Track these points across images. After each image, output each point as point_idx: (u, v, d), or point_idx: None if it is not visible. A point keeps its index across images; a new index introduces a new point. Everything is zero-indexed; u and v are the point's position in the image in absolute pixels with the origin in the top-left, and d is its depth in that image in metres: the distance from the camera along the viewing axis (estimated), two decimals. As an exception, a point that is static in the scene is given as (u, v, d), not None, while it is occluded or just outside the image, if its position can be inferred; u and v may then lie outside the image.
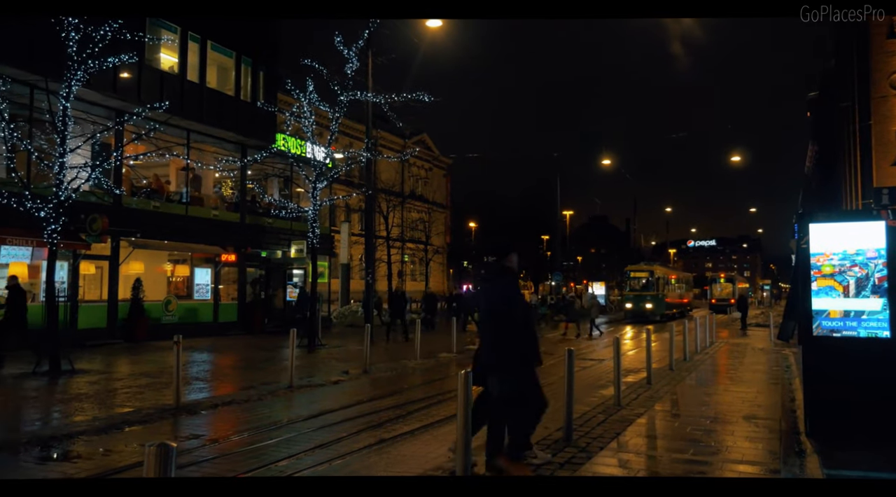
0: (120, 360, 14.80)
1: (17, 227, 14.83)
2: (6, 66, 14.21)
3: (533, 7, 5.60)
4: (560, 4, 5.49)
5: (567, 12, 5.30)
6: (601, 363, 15.66)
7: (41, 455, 6.89)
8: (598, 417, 8.50)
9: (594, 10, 5.82)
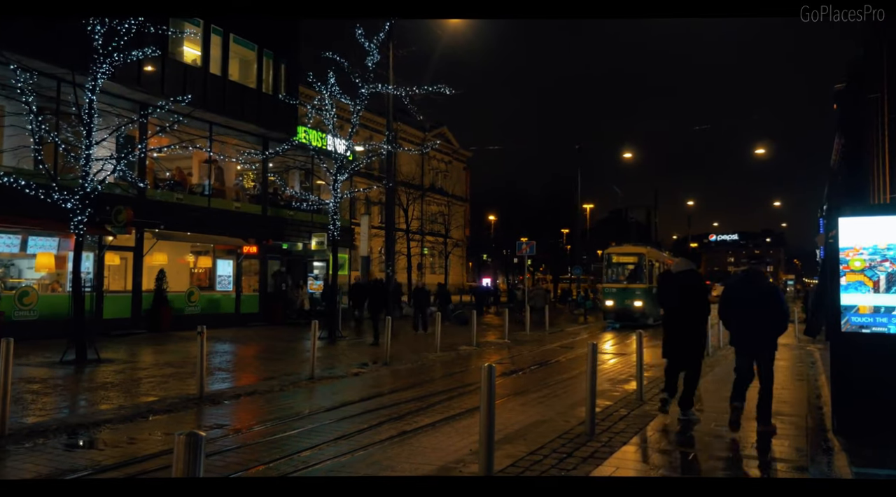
0: (144, 349, 14.99)
1: (44, 218, 15.07)
2: (34, 60, 14.39)
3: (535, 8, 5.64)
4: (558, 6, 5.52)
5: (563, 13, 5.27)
6: (623, 358, 15.57)
7: (68, 442, 6.99)
8: (620, 412, 8.45)
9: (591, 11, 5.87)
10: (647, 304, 24.78)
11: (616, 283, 26.09)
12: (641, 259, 25.97)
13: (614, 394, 10.18)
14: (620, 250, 27.54)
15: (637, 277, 25.77)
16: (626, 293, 25.43)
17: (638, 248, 27.02)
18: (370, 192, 32.97)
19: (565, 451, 6.59)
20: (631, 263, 26.23)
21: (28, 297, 16.28)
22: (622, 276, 26.23)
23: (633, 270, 26.02)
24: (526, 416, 8.48)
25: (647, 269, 25.77)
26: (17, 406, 8.11)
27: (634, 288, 25.53)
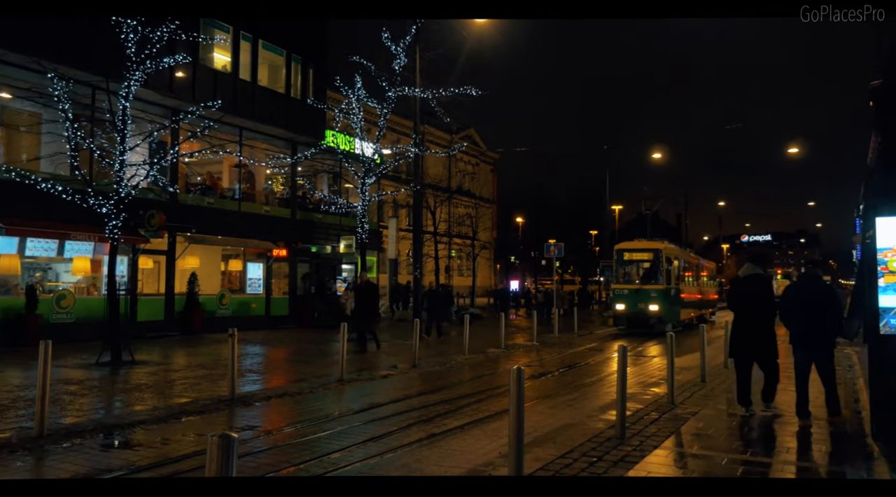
0: (177, 351, 15.22)
1: (80, 223, 15.39)
2: (69, 68, 14.71)
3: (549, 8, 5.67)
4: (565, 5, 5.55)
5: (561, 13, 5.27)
6: (653, 360, 15.39)
7: (104, 442, 7.12)
8: (651, 415, 8.35)
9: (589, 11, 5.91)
10: (665, 308, 21.87)
11: (628, 284, 22.84)
12: (658, 256, 22.40)
13: (645, 397, 10.06)
14: (633, 246, 24.06)
15: (653, 277, 22.37)
16: (640, 295, 22.11)
17: (653, 244, 23.59)
18: (398, 194, 33.10)
19: (595, 454, 6.53)
20: (646, 261, 22.78)
21: (65, 301, 16.64)
22: (635, 276, 23.20)
23: (649, 269, 22.61)
24: (555, 419, 8.42)
25: (664, 267, 22.30)
26: (56, 407, 8.28)
27: (649, 289, 22.04)
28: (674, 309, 22.63)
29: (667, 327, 20.28)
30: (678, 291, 23.42)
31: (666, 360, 9.54)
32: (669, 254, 23.03)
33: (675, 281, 23.08)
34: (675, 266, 23.44)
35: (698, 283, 28.93)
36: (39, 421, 7.03)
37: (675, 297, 23.00)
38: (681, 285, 24.09)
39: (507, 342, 17.47)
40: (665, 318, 21.72)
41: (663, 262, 22.27)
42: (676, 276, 23.49)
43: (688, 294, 25.46)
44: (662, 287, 22.09)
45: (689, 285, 26.13)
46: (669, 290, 22.42)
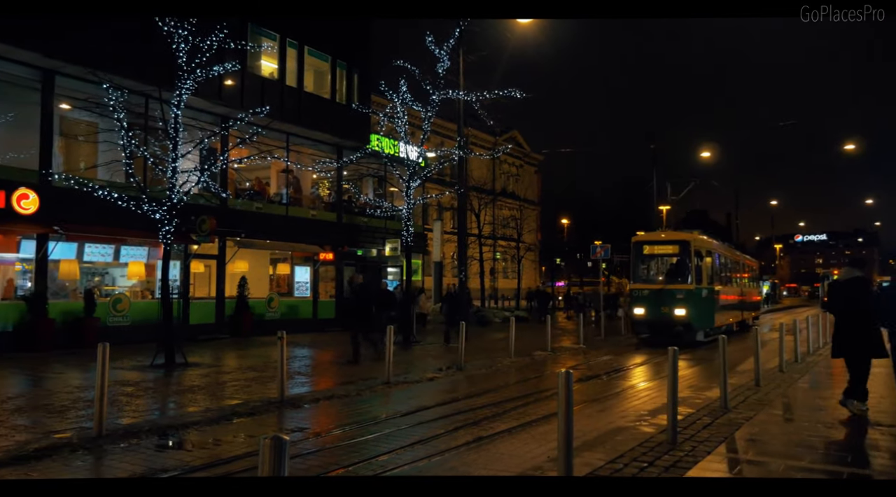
0: (228, 354, 15.53)
1: (134, 228, 15.85)
2: (124, 78, 15.17)
3: None
4: None
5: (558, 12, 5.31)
6: (704, 364, 15.04)
7: (159, 443, 7.30)
8: (703, 420, 8.15)
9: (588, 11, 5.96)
10: (694, 312, 18.37)
11: (649, 284, 19.48)
12: (685, 249, 18.80)
13: (696, 401, 9.83)
14: (655, 238, 20.70)
15: (679, 274, 18.86)
16: (664, 297, 18.49)
17: (680, 235, 20.37)
18: (442, 197, 33.16)
19: (646, 459, 6.40)
20: (671, 255, 19.39)
21: (121, 304, 17.16)
22: (659, 274, 19.88)
23: (675, 265, 19.18)
24: (604, 423, 8.30)
25: (693, 262, 18.68)
26: (113, 407, 8.53)
27: (675, 289, 18.50)
28: (706, 313, 19.01)
29: (697, 335, 18.46)
30: (712, 292, 19.57)
31: (717, 364, 9.28)
32: (700, 247, 19.24)
33: (707, 279, 19.31)
34: (708, 262, 19.76)
35: (738, 282, 25.45)
36: (98, 421, 7.24)
37: (709, 299, 19.21)
38: (715, 285, 20.20)
39: (554, 345, 17.31)
40: (695, 323, 18.46)
41: (692, 256, 18.67)
42: (710, 274, 19.63)
43: (725, 296, 21.88)
44: (691, 287, 18.51)
45: (726, 285, 22.50)
46: (700, 290, 18.73)
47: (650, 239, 20.40)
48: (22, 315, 15.18)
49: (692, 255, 18.72)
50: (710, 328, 19.25)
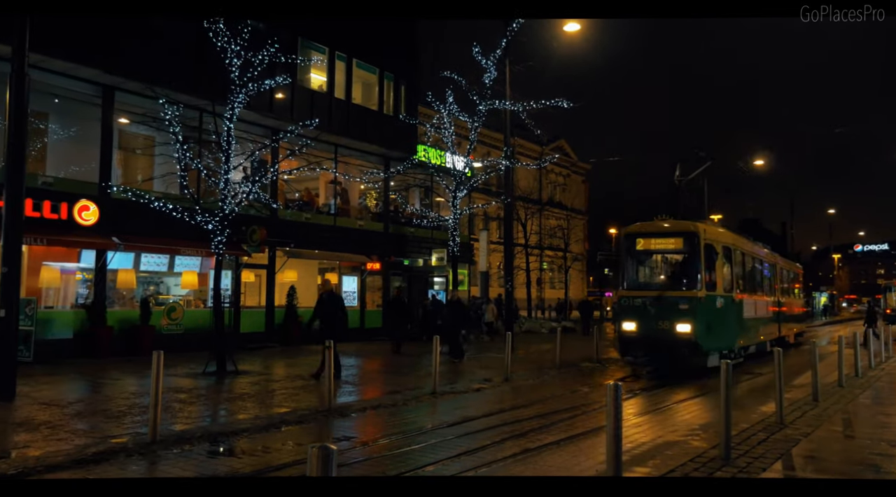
0: (277, 362, 15.77)
1: (188, 239, 16.27)
2: (179, 93, 15.66)
3: None
4: None
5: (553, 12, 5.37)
6: (759, 377, 14.59)
7: (210, 449, 7.45)
8: (758, 435, 7.90)
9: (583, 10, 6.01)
10: (704, 328, 13.84)
11: (642, 290, 14.85)
12: (693, 244, 14.35)
13: (752, 416, 9.54)
14: (652, 228, 15.62)
15: (685, 277, 14.54)
16: (663, 307, 14.11)
17: (685, 225, 15.39)
18: (488, 207, 33.16)
19: (698, 475, 6.23)
20: (674, 252, 15.15)
21: (175, 313, 17.61)
22: (657, 277, 15.49)
23: (679, 265, 15.07)
24: (654, 437, 8.12)
25: (702, 261, 14.18)
26: (167, 414, 8.73)
27: (677, 297, 14.12)
28: (722, 329, 14.59)
29: (709, 359, 13.89)
30: (730, 302, 15.02)
31: (772, 377, 8.99)
32: (714, 240, 14.75)
33: (725, 284, 14.92)
34: (725, 262, 15.15)
35: (773, 289, 20.42)
36: (153, 427, 7.43)
37: (726, 311, 14.78)
38: (737, 293, 15.64)
39: (602, 356, 17.06)
40: (705, 343, 13.82)
41: (701, 253, 14.16)
42: (729, 278, 15.26)
43: (753, 307, 17.10)
44: (700, 294, 13.96)
45: (754, 293, 17.79)
46: (713, 299, 14.25)
47: (646, 230, 15.53)
48: (82, 322, 15.72)
49: (702, 251, 14.19)
50: (730, 349, 14.91)
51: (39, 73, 13.95)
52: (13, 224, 9.91)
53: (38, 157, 15.94)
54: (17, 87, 9.94)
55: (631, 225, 16.04)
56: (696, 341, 13.72)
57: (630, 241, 15.35)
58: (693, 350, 13.75)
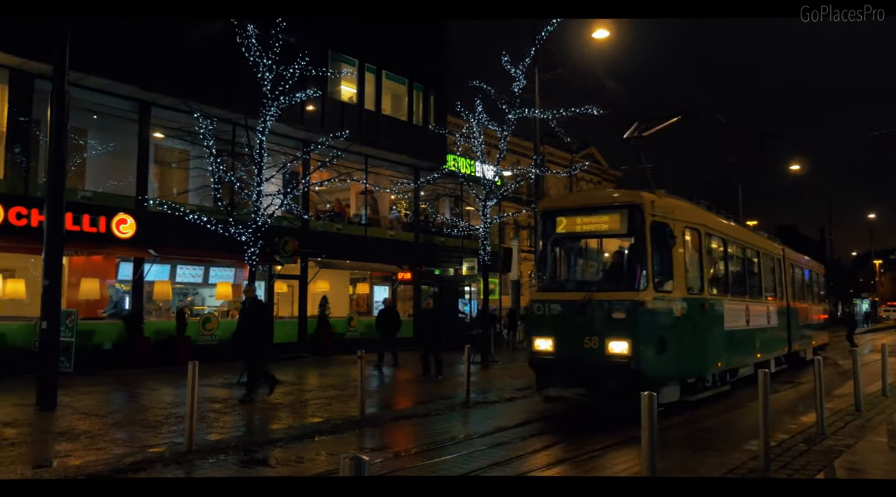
0: (309, 372, 15.88)
1: (222, 250, 16.52)
2: (213, 107, 15.95)
3: None
4: None
5: None
6: (798, 387, 14.26)
7: (245, 459, 7.51)
8: (798, 447, 7.70)
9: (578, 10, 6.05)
10: (652, 347, 9.59)
11: (563, 292, 10.52)
12: (635, 221, 9.97)
13: (791, 427, 9.31)
14: (577, 202, 11.91)
15: (623, 271, 10.46)
16: (590, 317, 9.80)
17: (622, 196, 10.61)
18: (519, 216, 33.04)
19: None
20: (607, 235, 10.88)
21: (210, 324, 17.87)
22: (586, 272, 11.61)
23: (616, 255, 11.06)
24: (692, 448, 7.97)
25: (650, 248, 9.83)
26: (202, 424, 8.84)
27: (610, 301, 9.76)
28: (684, 347, 10.08)
29: (662, 392, 9.42)
30: (701, 308, 10.60)
31: (812, 387, 8.75)
32: (670, 217, 10.14)
33: (690, 281, 10.49)
34: (692, 251, 10.84)
35: (780, 291, 16.08)
36: (189, 437, 7.53)
37: (693, 320, 10.35)
38: (711, 293, 11.14)
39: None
40: (652, 369, 9.47)
41: (647, 235, 9.76)
42: (699, 273, 10.85)
43: (745, 317, 12.72)
44: (644, 296, 9.56)
45: (747, 294, 13.37)
46: (668, 302, 9.89)
47: (569, 204, 11.65)
48: (120, 334, 16.04)
49: (648, 232, 9.74)
50: (700, 376, 10.60)
51: (79, 90, 14.32)
52: (54, 237, 10.17)
53: (77, 172, 16.35)
54: (58, 104, 10.22)
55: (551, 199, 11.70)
56: (636, 367, 9.26)
57: (549, 221, 10.82)
58: (633, 380, 9.10)
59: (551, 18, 17.71)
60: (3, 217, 14.13)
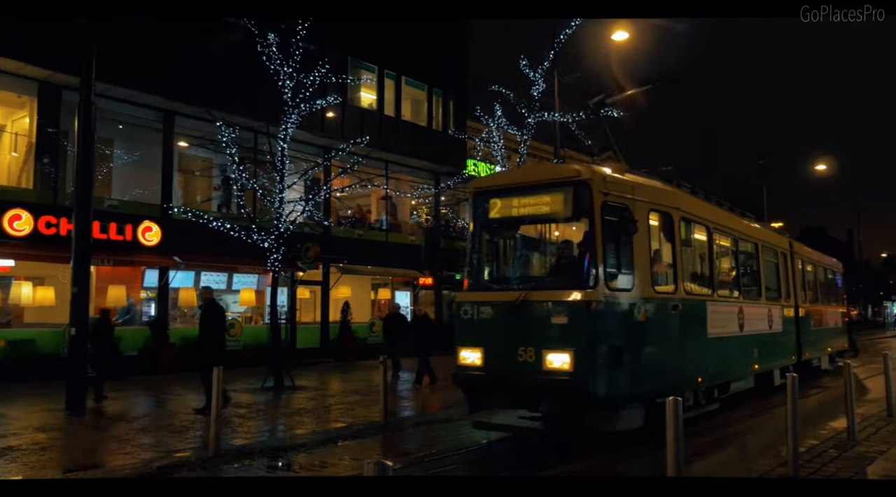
0: (332, 377, 15.95)
1: (245, 257, 16.68)
2: (235, 116, 16.12)
3: None
4: None
5: None
6: (826, 391, 14.02)
7: (270, 464, 7.57)
8: (829, 453, 7.57)
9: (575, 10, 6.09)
10: (603, 359, 7.55)
11: (495, 292, 8.59)
12: (581, 201, 8.03)
13: (821, 432, 9.15)
14: (511, 180, 9.52)
15: (565, 263, 8.58)
16: (525, 322, 7.84)
17: (570, 171, 8.49)
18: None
19: (766, 494, 6.00)
20: (548, 220, 8.94)
21: (234, 329, 18.03)
22: (524, 265, 9.48)
23: (559, 245, 9.14)
24: (720, 454, 7.88)
25: (600, 234, 7.82)
26: (227, 428, 8.92)
27: (549, 303, 7.80)
28: (649, 359, 8.25)
29: (619, 419, 7.84)
30: (671, 311, 8.67)
31: (842, 390, 8.60)
32: (626, 195, 8.33)
33: (658, 275, 8.83)
34: (661, 239, 9.12)
35: (786, 290, 13.99)
36: (214, 442, 7.60)
37: (661, 324, 8.55)
38: (687, 290, 9.18)
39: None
40: (602, 388, 7.53)
41: (596, 218, 7.88)
42: (670, 265, 9.06)
43: (736, 319, 10.80)
44: (593, 295, 7.64)
45: (740, 293, 11.34)
46: (625, 304, 8.04)
47: (505, 182, 9.32)
48: (146, 340, 16.25)
49: (597, 214, 7.87)
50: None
51: (105, 101, 14.57)
52: (82, 246, 10.34)
53: (104, 182, 16.62)
54: (85, 115, 10.41)
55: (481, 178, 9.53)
56: (582, 386, 7.41)
57: (480, 204, 9.02)
58: (577, 401, 7.60)
59: (565, 18, 17.68)
60: (32, 226, 14.41)
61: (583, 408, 7.60)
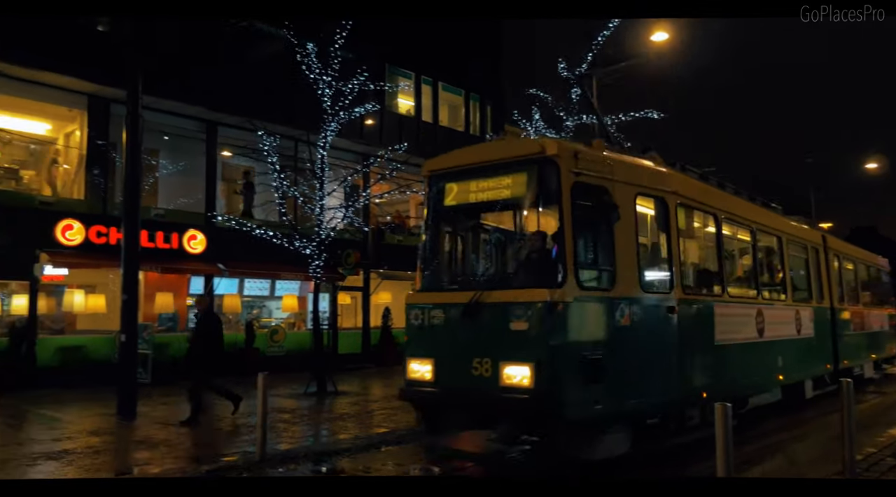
0: (374, 382, 16.04)
1: (287, 264, 16.90)
2: (276, 125, 16.36)
3: None
4: None
5: None
6: (885, 397, 13.55)
7: (314, 469, 7.63)
8: (887, 460, 7.31)
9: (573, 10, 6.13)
10: (572, 372, 6.29)
11: (448, 292, 7.61)
12: (547, 181, 6.78)
13: (879, 439, 8.83)
14: (473, 159, 7.80)
15: (529, 257, 7.08)
16: (481, 327, 6.67)
17: (533, 146, 7.29)
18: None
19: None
20: (512, 204, 7.54)
21: (277, 335, 18.29)
22: (482, 261, 8.23)
23: (529, 238, 7.20)
24: (772, 459, 7.66)
25: (569, 222, 6.54)
26: (272, 433, 9.02)
27: (508, 305, 6.53)
28: (628, 376, 6.83)
29: (602, 445, 6.71)
30: (664, 315, 7.40)
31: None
32: (607, 175, 6.97)
33: (646, 273, 7.37)
34: (658, 227, 7.85)
35: (817, 289, 12.47)
36: (260, 447, 7.70)
37: (644, 333, 7.14)
38: (684, 289, 7.82)
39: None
40: (572, 409, 6.30)
41: (565, 202, 6.58)
42: (664, 260, 7.70)
43: (755, 323, 9.52)
44: (559, 294, 6.34)
45: (761, 292, 10.16)
46: (609, 306, 6.73)
47: (461, 163, 7.95)
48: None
49: (568, 199, 6.65)
50: (674, 412, 7.63)
51: (151, 113, 14.93)
52: (131, 254, 10.62)
53: (150, 191, 17.03)
54: (132, 127, 10.70)
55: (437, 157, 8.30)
56: (545, 405, 6.26)
57: (434, 190, 8.09)
58: (539, 423, 6.53)
59: (599, 18, 17.54)
60: (84, 235, 14.86)
61: (546, 430, 6.41)
